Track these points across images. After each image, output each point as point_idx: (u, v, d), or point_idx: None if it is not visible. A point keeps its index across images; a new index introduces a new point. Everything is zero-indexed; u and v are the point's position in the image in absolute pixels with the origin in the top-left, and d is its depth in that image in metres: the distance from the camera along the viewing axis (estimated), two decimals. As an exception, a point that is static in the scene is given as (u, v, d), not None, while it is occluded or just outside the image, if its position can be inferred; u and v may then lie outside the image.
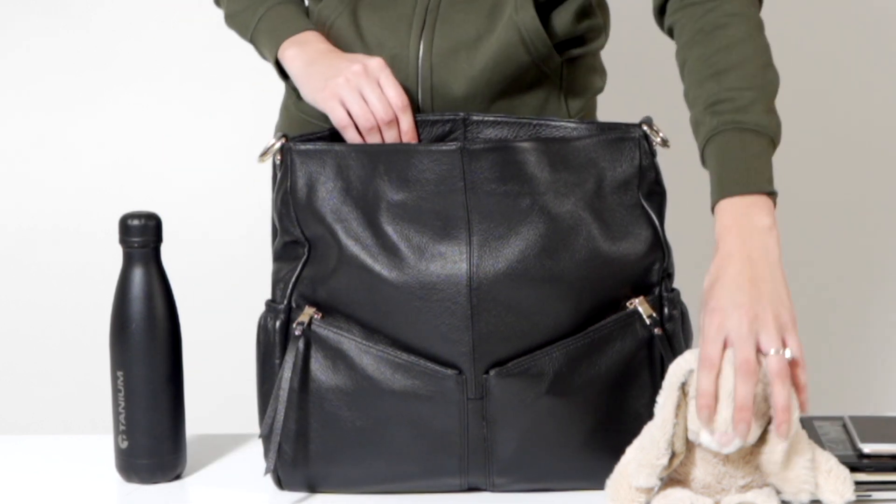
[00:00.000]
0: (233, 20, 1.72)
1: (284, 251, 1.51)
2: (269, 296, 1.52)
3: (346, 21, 1.64)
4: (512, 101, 1.65)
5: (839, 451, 1.49)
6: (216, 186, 2.79)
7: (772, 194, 1.46)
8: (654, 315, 1.48)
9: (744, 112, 1.48)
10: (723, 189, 1.46)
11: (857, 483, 1.46)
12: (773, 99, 1.52)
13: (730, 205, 1.44)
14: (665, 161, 1.54)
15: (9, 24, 2.74)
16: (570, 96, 1.69)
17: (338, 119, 1.57)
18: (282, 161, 1.50)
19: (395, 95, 1.57)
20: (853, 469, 1.46)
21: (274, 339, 1.49)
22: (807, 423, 1.56)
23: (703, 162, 1.50)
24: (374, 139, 1.57)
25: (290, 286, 1.49)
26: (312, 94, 1.60)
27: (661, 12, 1.63)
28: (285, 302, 1.49)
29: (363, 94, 1.57)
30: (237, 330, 2.79)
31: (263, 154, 1.51)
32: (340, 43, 1.65)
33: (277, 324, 1.49)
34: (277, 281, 1.51)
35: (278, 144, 1.50)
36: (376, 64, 1.58)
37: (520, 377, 1.45)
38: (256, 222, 2.44)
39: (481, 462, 1.47)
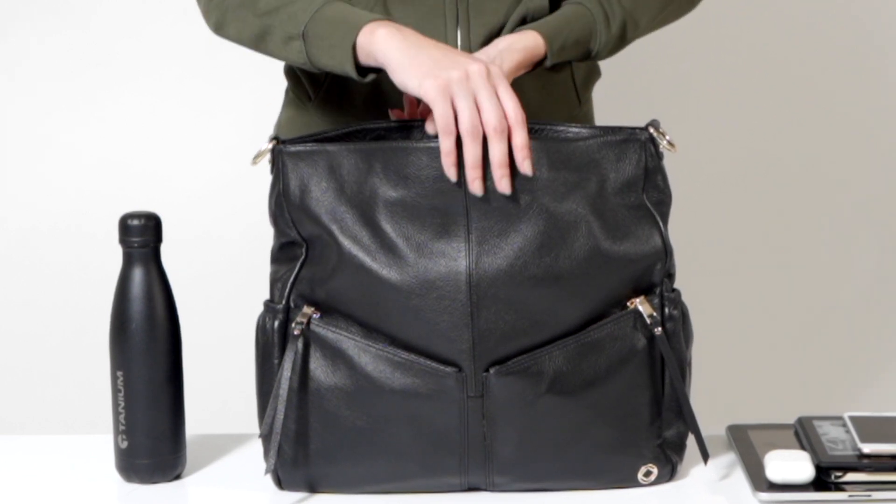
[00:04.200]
0: (271, 16, 1.61)
1: (282, 252, 1.51)
2: (267, 294, 1.52)
3: (378, 15, 1.63)
4: (544, 82, 1.69)
5: (839, 450, 1.49)
6: (216, 186, 2.79)
7: (545, 57, 1.60)
8: (655, 315, 1.48)
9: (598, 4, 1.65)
10: (534, 26, 1.62)
11: (857, 483, 1.46)
12: (625, 25, 1.65)
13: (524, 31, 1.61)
14: (666, 162, 1.54)
15: (8, 24, 2.74)
16: (578, 78, 1.74)
17: (441, 114, 1.46)
18: (273, 164, 1.49)
19: (513, 107, 1.46)
20: (853, 469, 1.47)
21: (273, 339, 1.49)
22: (807, 423, 1.56)
23: None
24: (473, 148, 1.45)
25: (289, 286, 1.49)
26: (419, 79, 1.48)
27: None
28: (283, 302, 1.49)
29: (477, 97, 1.46)
30: (237, 330, 2.78)
31: (256, 157, 1.50)
32: None
33: (276, 324, 1.49)
34: (275, 281, 1.51)
35: (269, 146, 1.49)
36: (498, 70, 1.49)
37: (519, 376, 1.45)
38: (256, 222, 2.44)
39: (481, 461, 1.47)
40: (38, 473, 1.56)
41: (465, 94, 1.46)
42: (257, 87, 2.53)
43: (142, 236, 1.49)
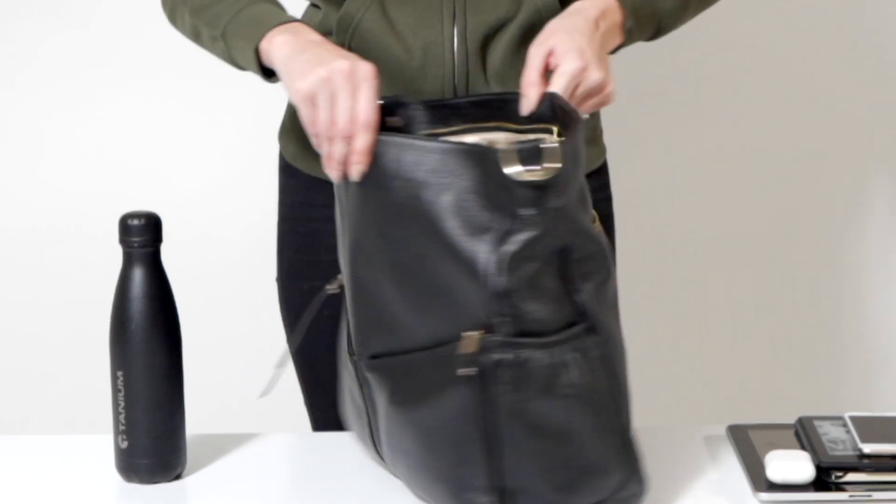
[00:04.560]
0: (199, 15, 1.61)
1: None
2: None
3: (375, 15, 1.64)
4: None
5: (839, 450, 1.49)
6: (216, 186, 2.79)
7: (624, 21, 1.59)
8: (472, 353, 1.32)
9: None
10: None
11: (858, 483, 1.46)
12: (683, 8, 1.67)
13: None
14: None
15: (8, 24, 2.74)
16: None
17: (304, 116, 1.45)
18: None
19: (362, 110, 1.40)
20: (853, 469, 1.47)
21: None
22: (807, 423, 1.56)
23: None
24: (325, 146, 1.42)
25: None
26: (291, 84, 1.47)
27: None
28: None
29: (335, 97, 1.42)
30: (237, 330, 2.79)
31: None
32: (371, 36, 1.63)
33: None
34: None
35: None
36: (365, 70, 1.43)
37: (377, 374, 1.43)
38: (256, 222, 2.44)
39: (376, 433, 1.49)
40: (38, 473, 1.56)
41: (326, 94, 1.42)
42: (257, 87, 2.51)
43: (142, 236, 1.49)
